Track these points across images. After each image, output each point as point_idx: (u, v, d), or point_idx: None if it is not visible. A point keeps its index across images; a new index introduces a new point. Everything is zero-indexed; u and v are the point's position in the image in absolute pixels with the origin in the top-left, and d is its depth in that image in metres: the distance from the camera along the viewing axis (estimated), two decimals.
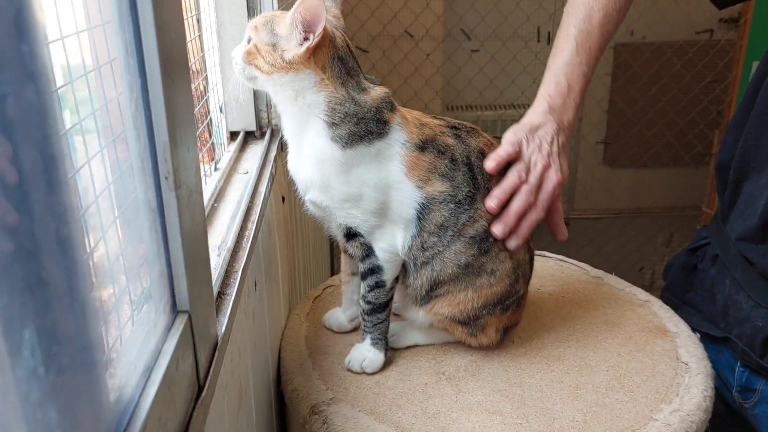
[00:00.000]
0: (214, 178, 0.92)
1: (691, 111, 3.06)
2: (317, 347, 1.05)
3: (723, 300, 1.05)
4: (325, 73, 0.85)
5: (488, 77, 2.93)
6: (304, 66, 0.84)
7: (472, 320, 0.97)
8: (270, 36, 0.85)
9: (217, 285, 0.64)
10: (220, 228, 0.77)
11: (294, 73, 0.85)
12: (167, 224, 0.44)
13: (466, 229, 0.91)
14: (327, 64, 0.85)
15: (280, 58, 0.84)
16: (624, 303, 1.16)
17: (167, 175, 0.43)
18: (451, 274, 0.93)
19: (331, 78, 0.85)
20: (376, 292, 0.95)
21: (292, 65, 0.84)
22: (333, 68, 0.86)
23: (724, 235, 1.05)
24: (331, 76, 0.85)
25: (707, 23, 2.99)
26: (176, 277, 0.46)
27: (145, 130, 0.41)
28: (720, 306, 1.06)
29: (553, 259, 1.33)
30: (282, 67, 0.84)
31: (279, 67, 0.84)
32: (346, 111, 0.85)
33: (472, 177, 0.91)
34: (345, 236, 0.93)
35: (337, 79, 0.86)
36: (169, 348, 0.43)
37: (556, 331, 1.08)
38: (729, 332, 1.04)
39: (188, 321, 0.47)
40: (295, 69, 0.84)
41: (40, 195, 0.29)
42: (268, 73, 0.85)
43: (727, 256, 1.04)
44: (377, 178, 0.87)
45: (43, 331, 0.27)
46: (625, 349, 1.03)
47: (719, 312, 1.06)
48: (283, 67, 0.84)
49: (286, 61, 0.84)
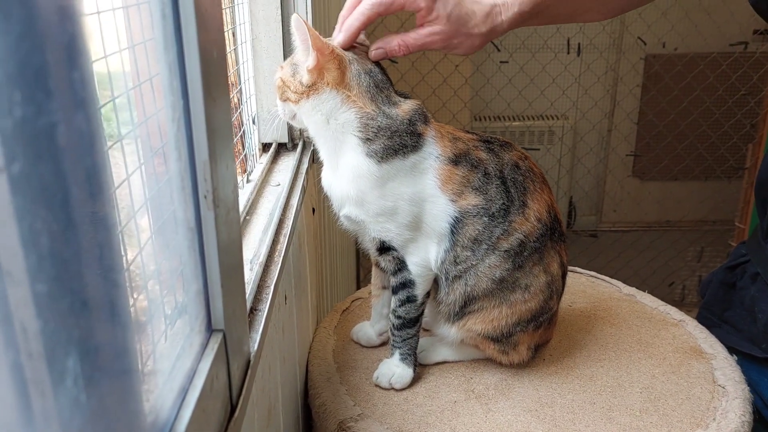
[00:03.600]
0: (246, 190, 0.92)
1: (724, 124, 3.00)
2: (345, 361, 1.04)
3: (765, 319, 1.02)
4: (351, 91, 0.85)
5: (517, 88, 2.92)
6: (322, 86, 0.85)
7: (505, 337, 0.96)
8: (291, 67, 0.88)
9: (249, 300, 0.63)
10: (252, 241, 0.77)
11: (315, 95, 0.85)
12: (205, 243, 0.44)
13: (501, 243, 0.90)
14: (352, 80, 0.86)
15: (299, 83, 0.86)
16: (657, 322, 1.14)
17: (206, 194, 0.43)
18: (486, 289, 0.92)
19: (358, 94, 0.85)
20: (407, 307, 0.94)
21: (311, 88, 0.85)
22: (360, 84, 0.86)
23: (766, 255, 1.03)
24: (358, 93, 0.85)
25: (741, 35, 2.94)
26: (212, 296, 0.46)
27: (186, 150, 0.41)
28: (762, 326, 1.03)
29: (584, 275, 1.31)
30: (303, 92, 0.86)
31: (301, 92, 0.86)
32: (378, 125, 0.85)
33: (505, 190, 0.91)
34: (378, 250, 0.93)
35: (366, 95, 0.86)
36: (204, 368, 0.43)
37: (587, 350, 1.06)
38: None
39: (223, 340, 0.47)
40: (315, 91, 0.85)
41: (85, 220, 0.28)
42: (296, 102, 0.87)
43: None
44: (412, 192, 0.87)
45: (86, 358, 0.27)
46: (659, 371, 1.01)
47: (761, 332, 1.03)
48: (304, 91, 0.86)
49: (304, 85, 0.85)
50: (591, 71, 2.96)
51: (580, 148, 3.12)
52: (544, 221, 0.93)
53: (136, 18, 0.42)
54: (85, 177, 0.27)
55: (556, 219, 0.96)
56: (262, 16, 1.05)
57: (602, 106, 3.05)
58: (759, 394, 1.03)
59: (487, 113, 3.00)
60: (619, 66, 3.00)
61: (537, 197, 0.93)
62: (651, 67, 2.98)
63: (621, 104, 3.04)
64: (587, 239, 3.31)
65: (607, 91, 3.03)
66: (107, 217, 0.31)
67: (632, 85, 3.02)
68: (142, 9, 0.41)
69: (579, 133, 3.08)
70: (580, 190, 3.21)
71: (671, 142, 3.05)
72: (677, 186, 3.19)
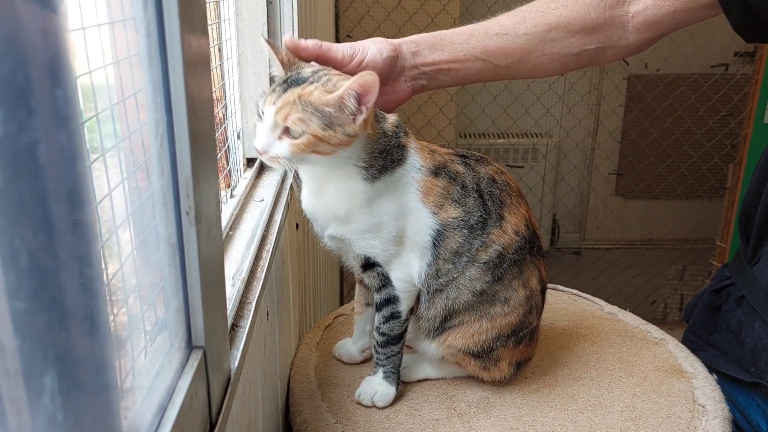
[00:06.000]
0: (230, 205, 0.92)
1: (705, 144, 3.04)
2: (327, 378, 1.04)
3: (752, 343, 1.01)
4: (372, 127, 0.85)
5: (501, 106, 2.94)
6: (361, 131, 0.83)
7: (486, 353, 0.96)
8: (322, 117, 0.79)
9: (231, 317, 0.63)
10: (234, 257, 0.77)
11: (354, 141, 0.83)
12: (186, 259, 0.44)
13: (480, 255, 0.91)
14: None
15: (343, 134, 0.81)
16: (639, 341, 1.14)
17: (188, 210, 0.43)
18: (466, 302, 0.92)
19: (371, 125, 0.85)
20: (391, 324, 0.94)
21: (354, 137, 0.82)
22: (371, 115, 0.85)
23: (751, 278, 1.03)
24: (372, 124, 0.85)
25: (722, 57, 2.99)
26: (193, 313, 0.46)
27: (168, 165, 0.41)
28: (749, 350, 1.02)
29: (566, 293, 1.32)
30: (347, 142, 0.82)
31: (345, 143, 0.82)
32: (380, 149, 0.86)
33: (482, 203, 0.92)
34: (362, 267, 0.93)
35: (375, 122, 0.86)
36: (183, 385, 0.43)
37: (569, 368, 1.06)
38: (761, 377, 1.00)
39: (203, 357, 0.46)
40: (355, 137, 0.82)
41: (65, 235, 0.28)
42: (331, 153, 0.82)
43: (756, 300, 1.01)
44: (396, 206, 0.87)
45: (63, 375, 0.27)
46: (640, 389, 1.01)
47: (748, 356, 1.03)
48: (347, 141, 0.82)
49: (350, 135, 0.81)
50: (575, 90, 3.00)
51: (563, 166, 3.15)
52: (522, 234, 0.94)
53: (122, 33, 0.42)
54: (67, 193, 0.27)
55: (534, 233, 0.97)
56: (248, 32, 1.05)
57: (586, 124, 3.09)
58: (747, 418, 1.03)
59: (471, 130, 3.02)
60: (602, 85, 3.04)
61: (514, 210, 0.94)
62: (634, 87, 3.02)
63: (604, 123, 3.08)
64: (570, 257, 3.33)
65: (590, 110, 3.07)
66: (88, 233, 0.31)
67: (615, 105, 3.05)
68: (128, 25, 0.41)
69: (563, 151, 3.11)
70: (563, 207, 3.23)
71: (653, 161, 3.09)
72: (659, 205, 3.23)
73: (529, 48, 0.97)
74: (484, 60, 0.97)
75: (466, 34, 0.96)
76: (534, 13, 0.97)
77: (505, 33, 0.96)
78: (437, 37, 0.96)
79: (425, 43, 0.95)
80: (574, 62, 0.99)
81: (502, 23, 0.97)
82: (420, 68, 0.95)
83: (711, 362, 1.08)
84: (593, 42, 0.97)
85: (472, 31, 0.97)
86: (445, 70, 0.96)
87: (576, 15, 0.96)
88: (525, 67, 0.99)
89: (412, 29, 2.64)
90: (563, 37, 0.96)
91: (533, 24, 0.96)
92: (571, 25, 0.96)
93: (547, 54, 0.97)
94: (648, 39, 0.98)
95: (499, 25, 0.97)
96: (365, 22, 2.64)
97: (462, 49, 0.95)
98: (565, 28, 0.96)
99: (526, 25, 0.96)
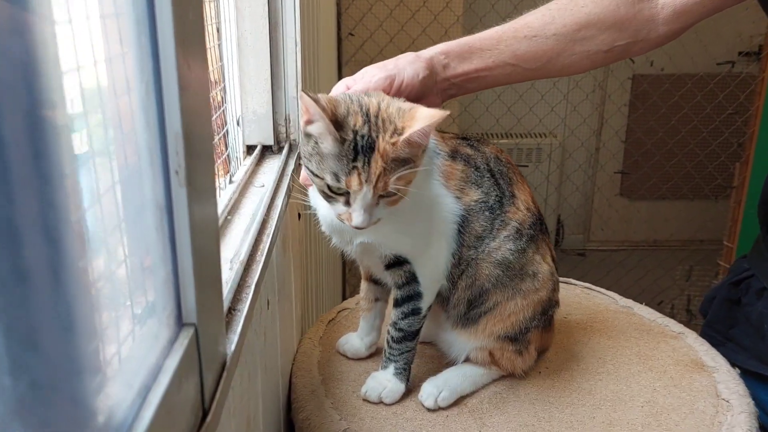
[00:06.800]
0: (228, 190, 0.87)
1: (712, 143, 3.00)
2: (330, 374, 0.99)
3: None
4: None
5: (505, 105, 2.90)
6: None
7: (522, 334, 0.92)
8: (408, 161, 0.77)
9: (228, 300, 0.58)
10: (233, 241, 0.72)
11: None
12: (175, 223, 0.39)
13: (499, 233, 0.89)
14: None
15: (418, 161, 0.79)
16: (656, 334, 1.09)
17: (178, 169, 0.38)
18: (490, 276, 0.88)
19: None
20: (411, 320, 0.90)
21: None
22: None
23: None
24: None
25: (728, 54, 2.95)
26: (183, 285, 0.41)
27: (155, 118, 0.37)
28: None
29: (579, 287, 1.27)
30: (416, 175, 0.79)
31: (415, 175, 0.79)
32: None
33: (496, 183, 0.90)
34: (387, 266, 0.88)
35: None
36: (170, 365, 0.38)
37: (585, 363, 1.01)
38: None
39: (194, 335, 0.41)
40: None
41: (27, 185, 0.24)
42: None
43: None
44: (424, 197, 0.84)
45: (13, 333, 0.22)
46: (660, 384, 0.96)
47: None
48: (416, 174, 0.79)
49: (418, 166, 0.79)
50: (579, 88, 2.96)
51: (568, 165, 3.10)
52: (532, 210, 0.92)
53: None
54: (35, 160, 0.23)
55: (539, 211, 0.95)
56: (248, 13, 1.01)
57: (590, 123, 3.05)
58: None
59: (475, 129, 2.97)
60: (607, 84, 3.00)
61: (521, 187, 0.93)
62: (639, 86, 2.98)
63: (609, 122, 3.03)
64: (575, 258, 3.28)
65: (595, 108, 3.03)
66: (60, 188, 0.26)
67: (620, 103, 3.01)
68: None
69: (567, 150, 3.07)
70: (568, 207, 3.19)
71: (659, 160, 3.04)
72: (665, 205, 3.18)
73: (559, 48, 0.94)
74: (513, 65, 0.95)
75: (494, 40, 0.94)
76: (562, 12, 0.94)
77: (534, 35, 0.94)
78: (465, 45, 0.94)
79: (454, 54, 0.93)
80: (603, 59, 0.97)
81: (531, 24, 0.94)
82: (451, 80, 0.94)
83: (731, 357, 1.04)
84: (624, 37, 0.94)
85: (500, 36, 0.94)
86: (474, 78, 0.94)
87: (605, 11, 0.93)
88: (555, 68, 0.96)
89: (415, 27, 2.60)
90: (593, 35, 0.94)
91: (562, 23, 0.94)
92: (601, 22, 0.93)
93: (577, 53, 0.95)
94: (678, 29, 0.95)
95: (528, 27, 0.94)
96: (367, 20, 2.59)
97: (491, 55, 0.94)
98: (595, 25, 0.93)
99: (555, 24, 0.94)
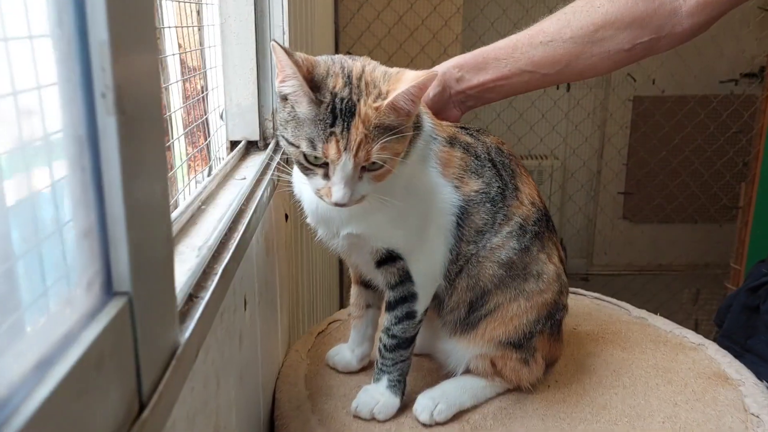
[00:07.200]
0: (205, 182, 0.80)
1: (716, 162, 2.93)
2: (318, 388, 0.90)
3: None
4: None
5: (506, 124, 2.84)
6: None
7: (527, 339, 0.84)
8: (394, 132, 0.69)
9: (188, 285, 0.50)
10: (204, 229, 0.64)
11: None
12: (102, 163, 0.31)
13: (502, 228, 0.82)
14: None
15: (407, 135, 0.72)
16: (674, 346, 1.01)
17: (105, 91, 0.30)
18: (493, 276, 0.81)
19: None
20: (405, 324, 0.82)
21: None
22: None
23: None
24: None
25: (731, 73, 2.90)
26: (113, 243, 0.33)
27: (71, 17, 0.29)
28: None
29: (588, 297, 1.18)
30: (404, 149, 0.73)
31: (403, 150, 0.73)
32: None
33: (497, 173, 0.83)
34: (378, 262, 0.80)
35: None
36: (88, 336, 0.29)
37: (598, 376, 0.92)
38: None
39: (128, 307, 0.33)
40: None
41: None
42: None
43: None
44: (420, 185, 0.77)
45: None
46: (681, 398, 0.87)
47: None
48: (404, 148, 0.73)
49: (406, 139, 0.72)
50: (580, 107, 2.91)
51: (570, 185, 3.03)
52: (537, 205, 0.86)
53: None
54: None
55: (545, 207, 0.89)
56: None
57: (592, 142, 2.99)
58: None
59: None
60: (608, 103, 2.94)
61: (525, 180, 0.86)
62: (639, 106, 2.93)
63: (611, 141, 2.97)
64: (579, 282, 3.19)
65: (597, 128, 2.97)
66: None
67: (622, 123, 2.96)
68: None
69: (569, 170, 3.01)
70: (570, 229, 3.11)
71: (663, 181, 2.98)
72: (669, 229, 3.11)
73: (577, 51, 0.90)
74: (531, 72, 0.92)
75: (509, 48, 0.92)
76: (578, 14, 0.91)
77: (550, 40, 0.90)
78: (480, 56, 0.92)
79: (468, 66, 0.92)
80: (626, 58, 0.92)
81: (546, 30, 0.91)
82: (466, 92, 0.92)
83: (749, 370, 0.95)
84: (645, 34, 0.90)
85: (515, 44, 0.92)
86: (492, 88, 0.93)
87: (622, 9, 0.89)
88: (574, 71, 0.93)
89: (414, 46, 2.56)
90: (612, 35, 0.89)
91: (578, 26, 0.90)
92: (619, 20, 0.89)
93: (596, 54, 0.91)
94: (704, 22, 0.90)
95: (543, 32, 0.91)
96: (366, 39, 2.55)
97: (507, 64, 0.91)
98: (613, 24, 0.89)
99: (571, 28, 0.90)
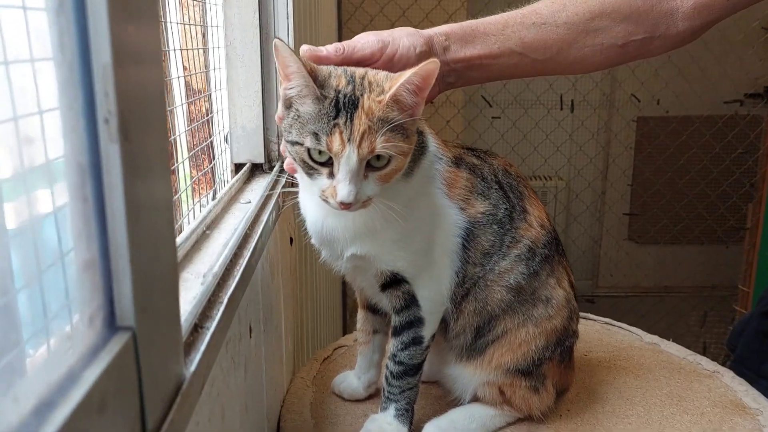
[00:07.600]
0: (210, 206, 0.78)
1: (723, 183, 2.92)
2: (324, 416, 0.88)
3: None
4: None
5: (509, 144, 2.84)
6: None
7: (536, 367, 0.81)
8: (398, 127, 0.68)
9: (193, 315, 0.48)
10: (209, 255, 0.63)
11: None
12: (105, 192, 0.30)
13: (510, 251, 0.80)
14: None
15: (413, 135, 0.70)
16: (688, 373, 0.98)
17: (108, 117, 0.29)
18: (501, 301, 0.79)
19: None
20: (412, 350, 0.80)
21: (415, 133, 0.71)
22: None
23: None
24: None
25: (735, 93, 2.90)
26: (117, 277, 0.31)
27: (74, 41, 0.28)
28: None
29: (598, 322, 1.16)
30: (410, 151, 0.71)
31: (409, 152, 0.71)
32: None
33: (505, 195, 0.82)
34: (383, 285, 0.79)
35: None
36: (91, 375, 0.28)
37: (611, 404, 0.90)
38: None
39: (131, 342, 0.32)
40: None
41: None
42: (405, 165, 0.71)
43: None
44: (424, 205, 0.76)
45: None
46: (698, 428, 0.84)
47: None
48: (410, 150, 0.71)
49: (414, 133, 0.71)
50: (585, 127, 2.90)
51: (574, 206, 3.02)
52: (547, 228, 0.84)
53: None
54: None
55: (555, 230, 0.87)
56: (237, 21, 0.94)
57: (597, 163, 2.98)
58: None
59: None
60: (613, 123, 2.94)
61: (534, 203, 0.85)
62: (643, 127, 2.92)
63: (616, 161, 2.96)
64: (584, 304, 3.16)
65: (602, 148, 2.96)
66: None
67: (627, 143, 2.95)
68: None
69: (574, 191, 2.99)
70: (576, 250, 3.08)
71: (668, 202, 2.96)
72: (675, 250, 3.08)
73: (570, 39, 0.87)
74: (520, 53, 0.87)
75: (500, 25, 0.87)
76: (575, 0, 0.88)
77: (543, 22, 0.87)
78: (469, 28, 0.86)
79: (456, 36, 0.86)
80: (619, 55, 0.89)
81: (540, 11, 0.88)
82: (451, 65, 0.86)
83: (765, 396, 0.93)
84: (640, 31, 0.88)
85: (506, 21, 0.87)
86: (477, 65, 0.87)
87: (621, 0, 0.87)
88: (565, 61, 0.89)
89: None
90: (607, 25, 0.87)
91: (574, 11, 0.87)
92: (616, 11, 0.87)
93: (590, 45, 0.88)
94: (699, 26, 0.88)
95: (537, 13, 0.88)
96: None
97: (496, 41, 0.86)
98: (610, 15, 0.87)
99: (567, 12, 0.87)
